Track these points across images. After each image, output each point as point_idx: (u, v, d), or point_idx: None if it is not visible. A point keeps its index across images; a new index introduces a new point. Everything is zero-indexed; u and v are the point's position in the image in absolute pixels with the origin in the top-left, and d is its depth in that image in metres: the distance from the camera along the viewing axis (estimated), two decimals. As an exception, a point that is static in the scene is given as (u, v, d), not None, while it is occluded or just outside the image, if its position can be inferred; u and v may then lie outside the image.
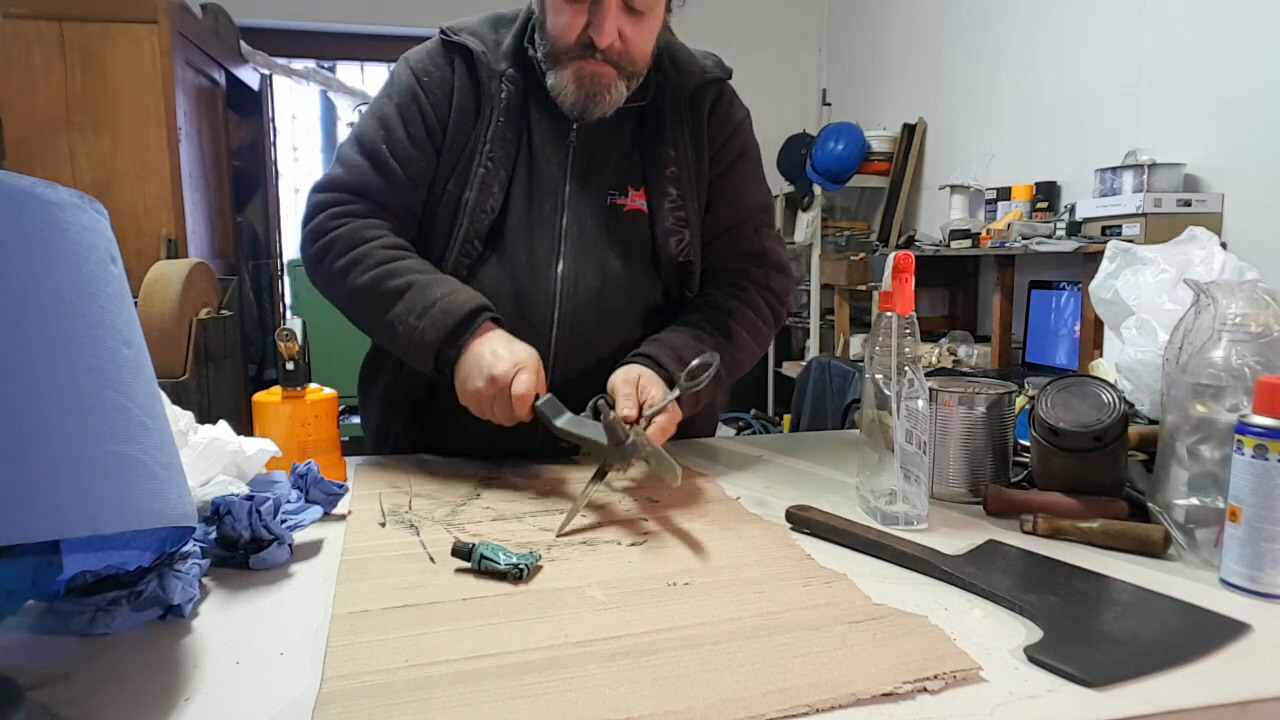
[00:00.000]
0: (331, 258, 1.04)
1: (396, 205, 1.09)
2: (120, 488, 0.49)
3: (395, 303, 0.99)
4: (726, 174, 1.17)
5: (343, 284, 1.03)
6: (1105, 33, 2.77)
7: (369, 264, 1.02)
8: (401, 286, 1.00)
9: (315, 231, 1.07)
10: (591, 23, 0.99)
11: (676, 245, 1.12)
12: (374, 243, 1.04)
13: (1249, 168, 2.28)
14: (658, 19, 1.04)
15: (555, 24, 1.02)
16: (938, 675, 0.53)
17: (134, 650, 0.58)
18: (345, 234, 1.05)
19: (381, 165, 1.07)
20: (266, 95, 4.18)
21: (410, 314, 0.98)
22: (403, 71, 1.11)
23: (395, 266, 1.02)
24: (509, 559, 0.70)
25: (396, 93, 1.10)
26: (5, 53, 2.79)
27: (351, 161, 1.09)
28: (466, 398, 0.95)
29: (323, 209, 1.07)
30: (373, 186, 1.07)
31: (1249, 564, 0.67)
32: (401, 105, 1.09)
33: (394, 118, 1.08)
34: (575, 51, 1.02)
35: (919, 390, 0.82)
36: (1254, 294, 0.76)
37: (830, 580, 0.70)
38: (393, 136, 1.08)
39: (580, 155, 1.10)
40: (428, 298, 0.98)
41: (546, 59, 1.06)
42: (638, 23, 1.01)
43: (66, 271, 0.49)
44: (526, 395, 0.91)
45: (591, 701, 0.51)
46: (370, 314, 1.03)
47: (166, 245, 2.94)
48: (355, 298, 1.03)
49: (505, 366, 0.91)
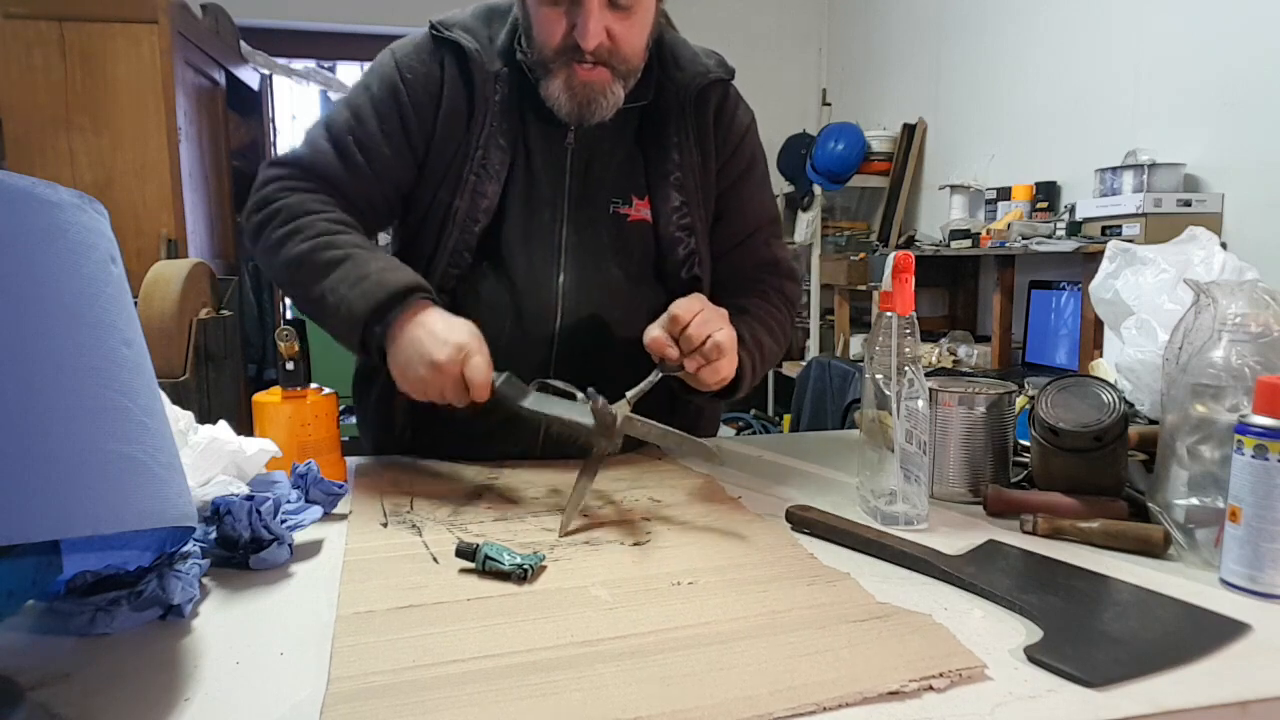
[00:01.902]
0: (273, 227, 0.98)
1: (354, 194, 1.03)
2: (120, 488, 0.49)
3: (330, 273, 0.93)
4: (736, 186, 1.14)
5: (279, 253, 0.97)
6: (1105, 33, 2.77)
7: (309, 233, 0.96)
8: (339, 257, 0.94)
9: (261, 201, 1.01)
10: (575, 24, 0.94)
11: (682, 253, 1.09)
12: (318, 214, 0.98)
13: (1249, 168, 2.28)
14: (648, 12, 0.99)
15: (539, 28, 0.98)
16: (943, 673, 0.53)
17: (134, 650, 0.58)
18: (291, 203, 0.99)
19: (345, 154, 1.02)
20: (266, 95, 4.18)
21: (342, 283, 0.92)
22: (386, 64, 1.05)
23: (336, 239, 0.96)
24: (513, 559, 0.70)
25: (376, 85, 1.04)
26: (5, 53, 2.79)
27: (316, 145, 1.04)
28: (409, 384, 0.89)
29: (273, 180, 1.02)
30: (332, 172, 1.02)
31: (1249, 564, 0.67)
32: (378, 100, 1.03)
33: (368, 111, 1.03)
34: (563, 56, 0.97)
35: (919, 390, 0.82)
36: (1254, 294, 0.76)
37: (834, 580, 0.70)
38: (364, 129, 1.03)
39: (579, 159, 1.07)
40: (363, 270, 0.92)
41: (536, 66, 1.00)
42: (625, 19, 0.96)
43: (66, 271, 0.49)
44: (484, 382, 0.85)
45: (599, 701, 0.51)
46: (303, 284, 0.96)
47: (166, 245, 2.94)
48: (289, 267, 0.96)
49: (449, 352, 0.85)
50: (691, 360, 0.90)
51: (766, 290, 1.14)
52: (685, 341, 0.89)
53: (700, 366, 0.90)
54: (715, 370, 0.91)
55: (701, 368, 0.90)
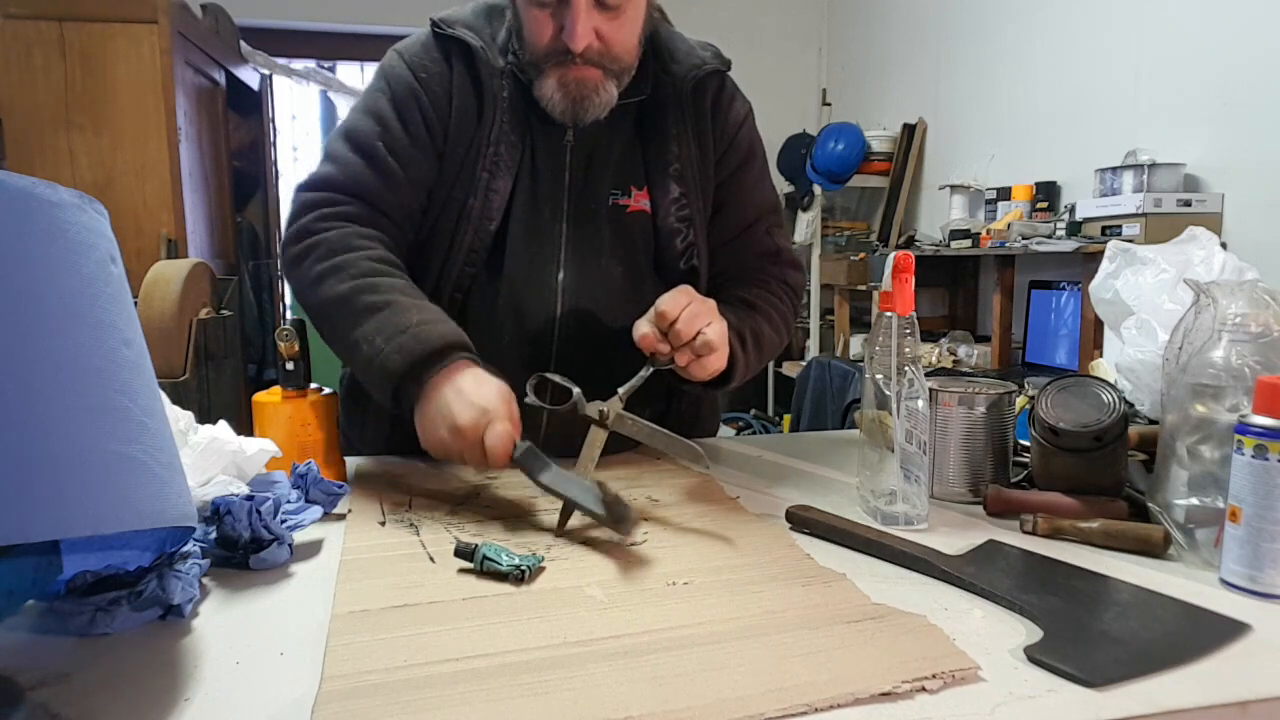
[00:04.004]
0: (312, 261, 0.96)
1: (393, 208, 1.02)
2: (120, 488, 0.49)
3: (367, 320, 0.90)
4: (735, 176, 1.14)
5: (317, 290, 0.94)
6: (1105, 33, 2.77)
7: (350, 273, 0.93)
8: (378, 304, 0.91)
9: (301, 232, 0.98)
10: (563, 26, 0.94)
11: (680, 245, 1.09)
12: (361, 252, 0.96)
13: (1249, 168, 2.28)
14: (637, 10, 0.98)
15: (529, 30, 0.97)
16: (936, 675, 0.53)
17: (134, 650, 0.58)
18: (333, 238, 0.96)
19: (379, 163, 1.00)
20: (266, 95, 4.18)
21: (379, 334, 0.89)
22: (398, 66, 1.04)
23: (378, 281, 0.93)
24: (511, 560, 0.70)
25: (392, 88, 1.03)
26: (5, 53, 2.79)
27: (345, 159, 1.01)
28: (430, 444, 0.87)
29: (311, 208, 0.99)
30: (368, 186, 1.00)
31: (1249, 564, 0.67)
32: (399, 101, 1.02)
33: (391, 114, 1.01)
34: (553, 57, 0.96)
35: (919, 390, 0.82)
36: (1254, 294, 0.76)
37: (830, 580, 0.70)
38: (391, 134, 1.01)
39: (579, 155, 1.07)
40: (402, 321, 0.89)
41: (529, 66, 1.00)
42: (614, 19, 0.95)
43: (66, 271, 0.49)
44: (503, 452, 0.82)
45: (591, 700, 0.51)
46: (340, 327, 0.93)
47: (166, 245, 2.94)
48: (326, 307, 0.94)
49: (473, 415, 0.82)
50: (681, 355, 0.90)
51: (768, 280, 1.14)
52: (674, 337, 0.89)
53: (690, 361, 0.91)
54: (704, 365, 0.92)
55: (691, 362, 0.91)
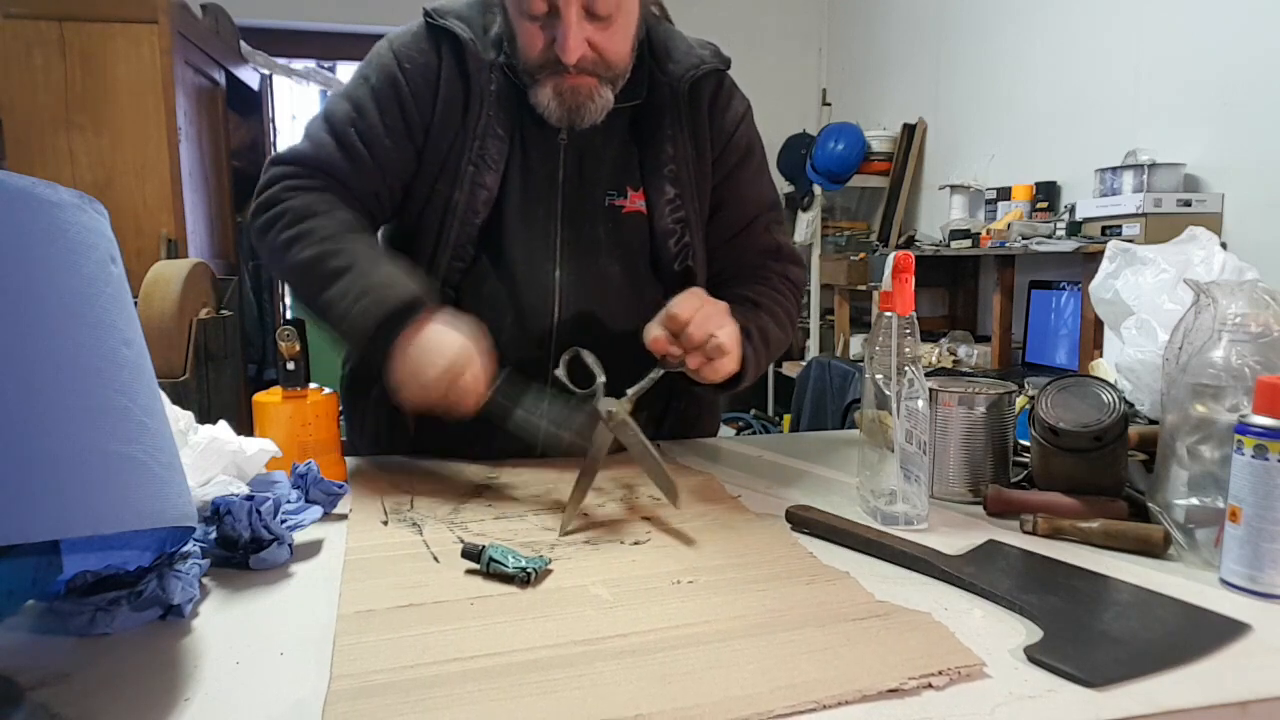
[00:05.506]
0: (278, 229, 0.97)
1: (359, 188, 1.03)
2: (120, 488, 0.49)
3: (332, 284, 0.92)
4: (733, 174, 1.14)
5: (284, 257, 0.96)
6: (1105, 33, 2.77)
7: (314, 239, 0.95)
8: (341, 267, 0.92)
9: (267, 202, 1.00)
10: (555, 38, 0.94)
11: (675, 246, 1.09)
12: (323, 216, 0.97)
13: (1249, 168, 2.28)
14: (629, 17, 0.99)
15: (521, 41, 0.98)
16: (942, 671, 0.54)
17: (134, 650, 0.58)
18: (296, 205, 0.98)
19: (348, 147, 1.01)
20: (266, 95, 4.18)
21: (344, 298, 0.91)
22: (385, 54, 1.04)
23: (340, 245, 0.95)
24: (517, 562, 0.69)
25: (375, 76, 1.03)
26: (5, 53, 2.79)
27: (318, 139, 1.03)
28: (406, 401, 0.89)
29: (278, 180, 1.01)
30: (335, 165, 1.01)
31: (1249, 564, 0.67)
32: (378, 90, 1.03)
33: (368, 102, 1.02)
34: (547, 68, 0.97)
35: (919, 390, 0.82)
36: (1254, 294, 0.76)
37: (833, 579, 0.70)
38: (365, 121, 1.02)
39: (572, 156, 1.06)
40: (364, 283, 0.91)
41: (523, 74, 1.01)
42: (605, 28, 0.96)
43: (66, 271, 0.49)
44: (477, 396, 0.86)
45: (599, 699, 0.51)
46: (307, 293, 0.95)
47: (166, 245, 2.94)
48: (293, 272, 0.96)
49: (442, 366, 0.85)
50: (693, 358, 0.90)
51: (770, 276, 1.14)
52: (686, 340, 0.89)
53: (702, 364, 0.90)
54: (716, 368, 0.91)
55: (703, 365, 0.91)
